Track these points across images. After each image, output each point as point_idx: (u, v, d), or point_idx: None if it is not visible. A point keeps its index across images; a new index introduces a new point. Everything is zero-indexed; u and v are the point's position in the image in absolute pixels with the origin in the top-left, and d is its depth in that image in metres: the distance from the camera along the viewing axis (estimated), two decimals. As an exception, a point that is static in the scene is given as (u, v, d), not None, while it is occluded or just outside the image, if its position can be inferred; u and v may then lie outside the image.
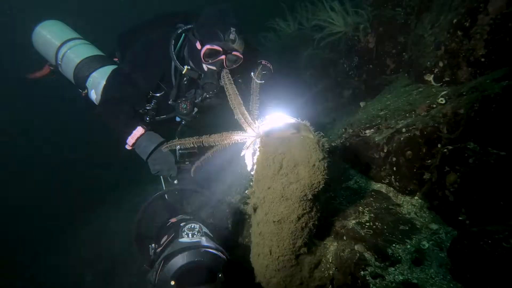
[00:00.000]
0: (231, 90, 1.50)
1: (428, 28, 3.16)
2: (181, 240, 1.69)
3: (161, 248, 2.02)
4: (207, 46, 2.75)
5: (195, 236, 1.71)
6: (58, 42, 3.76)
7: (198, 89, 3.16)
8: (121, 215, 6.53)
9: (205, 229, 2.00)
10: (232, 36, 2.72)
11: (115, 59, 3.78)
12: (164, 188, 3.02)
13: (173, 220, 2.43)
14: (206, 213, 3.37)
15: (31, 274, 7.24)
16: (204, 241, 1.67)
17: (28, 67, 4.35)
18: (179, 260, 1.54)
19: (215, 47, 2.74)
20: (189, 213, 2.67)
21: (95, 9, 17.80)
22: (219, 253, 1.60)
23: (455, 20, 2.63)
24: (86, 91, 3.55)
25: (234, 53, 2.78)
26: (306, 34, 5.50)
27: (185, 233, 1.73)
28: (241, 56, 2.83)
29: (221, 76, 1.93)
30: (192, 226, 1.77)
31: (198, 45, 2.84)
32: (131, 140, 2.92)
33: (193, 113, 3.16)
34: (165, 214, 2.94)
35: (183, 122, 3.34)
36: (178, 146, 2.98)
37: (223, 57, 2.77)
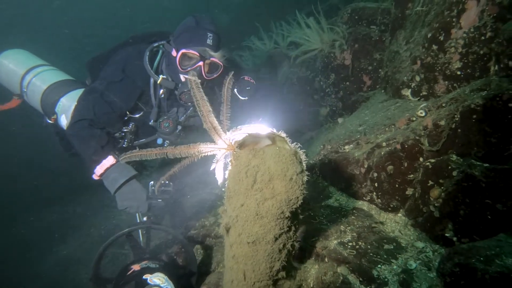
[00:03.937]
0: (199, 96, 1.34)
1: (403, 44, 3.16)
2: None
3: None
4: (183, 50, 2.57)
5: None
6: (22, 70, 3.47)
7: (180, 107, 2.95)
8: (87, 242, 6.14)
9: (169, 286, 1.82)
10: (209, 41, 2.55)
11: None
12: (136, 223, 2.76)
13: (136, 267, 2.19)
14: (174, 251, 3.12)
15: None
16: None
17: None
18: None
19: (191, 51, 2.56)
20: (154, 259, 2.44)
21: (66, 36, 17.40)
22: None
23: (429, 35, 2.63)
24: (55, 116, 3.25)
25: (212, 59, 2.61)
26: (282, 52, 5.49)
27: None
28: (220, 63, 2.65)
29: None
30: None
31: (174, 52, 2.66)
32: (99, 170, 2.64)
33: (177, 131, 2.90)
34: (130, 255, 2.67)
35: (165, 144, 3.05)
36: (152, 182, 2.72)
37: (200, 63, 2.59)
